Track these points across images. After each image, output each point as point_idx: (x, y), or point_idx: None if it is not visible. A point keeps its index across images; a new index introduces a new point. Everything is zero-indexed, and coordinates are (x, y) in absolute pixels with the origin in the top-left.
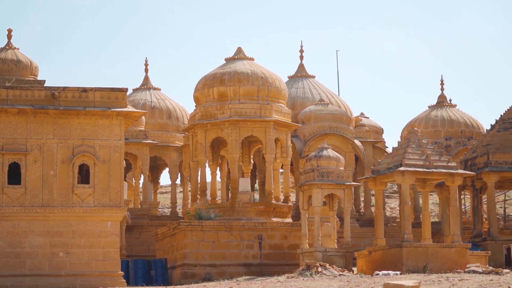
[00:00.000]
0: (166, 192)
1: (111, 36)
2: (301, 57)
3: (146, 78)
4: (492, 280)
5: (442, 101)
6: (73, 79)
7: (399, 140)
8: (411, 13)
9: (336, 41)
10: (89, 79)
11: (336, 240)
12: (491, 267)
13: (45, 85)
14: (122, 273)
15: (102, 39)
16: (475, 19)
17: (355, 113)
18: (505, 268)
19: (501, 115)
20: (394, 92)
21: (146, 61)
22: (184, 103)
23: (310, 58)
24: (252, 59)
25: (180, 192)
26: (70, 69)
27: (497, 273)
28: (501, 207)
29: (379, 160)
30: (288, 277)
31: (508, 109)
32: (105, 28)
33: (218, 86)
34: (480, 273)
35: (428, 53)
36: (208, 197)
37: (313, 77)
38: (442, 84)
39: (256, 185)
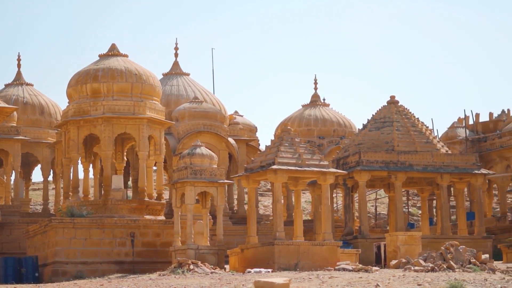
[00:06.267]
0: (38, 189)
1: None
2: (176, 55)
3: (19, 74)
4: (361, 277)
5: (315, 100)
6: None
7: (273, 138)
8: (286, 12)
9: (212, 39)
10: None
11: (208, 238)
12: (361, 265)
13: None
14: None
15: None
16: (348, 19)
17: (230, 111)
18: (375, 266)
19: (373, 115)
20: (268, 91)
21: (18, 56)
22: (57, 99)
23: (185, 56)
24: (126, 55)
25: (53, 189)
26: None
27: (366, 271)
28: (372, 206)
29: (253, 158)
30: (160, 275)
31: (379, 109)
32: None
33: (92, 83)
34: (350, 270)
35: (302, 52)
36: (81, 194)
37: (187, 74)
38: (315, 83)
39: (130, 183)
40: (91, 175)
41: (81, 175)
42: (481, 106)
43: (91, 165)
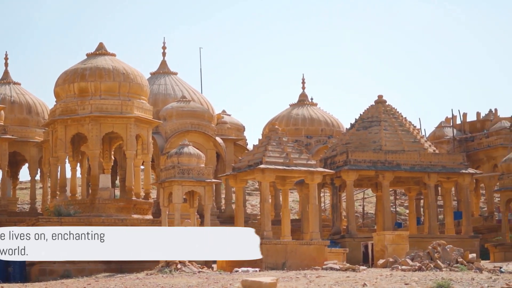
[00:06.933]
0: (25, 188)
1: None
2: (164, 54)
3: (6, 72)
4: (348, 277)
5: (303, 100)
6: None
7: (260, 138)
8: (273, 11)
9: (199, 38)
10: None
11: None
12: (348, 264)
13: None
14: None
15: None
16: (336, 19)
17: (217, 111)
18: (362, 265)
19: (360, 114)
20: (256, 90)
21: (6, 55)
22: (45, 98)
23: (173, 55)
24: (114, 54)
25: (40, 188)
26: None
27: (353, 270)
28: (360, 205)
29: (240, 158)
30: (147, 274)
31: (367, 108)
32: None
33: (79, 82)
34: (337, 270)
35: (290, 51)
36: (68, 193)
37: (175, 74)
38: (303, 82)
39: (117, 182)
40: (78, 174)
41: (68, 174)
42: (469, 106)
43: (78, 164)
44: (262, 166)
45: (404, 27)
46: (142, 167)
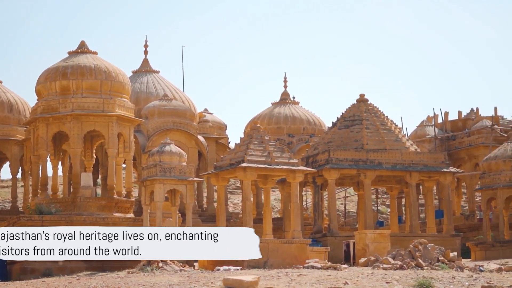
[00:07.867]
0: (6, 187)
1: None
2: (146, 52)
3: None
4: (330, 275)
5: (285, 98)
6: None
7: (242, 136)
8: (255, 10)
9: (181, 37)
10: None
11: None
12: (329, 263)
13: None
14: None
15: None
16: (318, 18)
17: (199, 109)
18: (344, 264)
19: (342, 113)
20: (238, 88)
21: None
22: (26, 96)
23: (155, 54)
24: (95, 53)
25: (21, 186)
26: None
27: (335, 269)
28: (341, 204)
29: (222, 156)
30: (128, 273)
31: (349, 107)
32: None
33: (61, 80)
34: (319, 268)
35: (272, 50)
36: (49, 191)
37: (157, 72)
38: (285, 81)
39: (99, 180)
40: (60, 172)
41: (50, 172)
42: (450, 105)
43: (60, 162)
44: (244, 164)
45: (386, 27)
46: (123, 165)
